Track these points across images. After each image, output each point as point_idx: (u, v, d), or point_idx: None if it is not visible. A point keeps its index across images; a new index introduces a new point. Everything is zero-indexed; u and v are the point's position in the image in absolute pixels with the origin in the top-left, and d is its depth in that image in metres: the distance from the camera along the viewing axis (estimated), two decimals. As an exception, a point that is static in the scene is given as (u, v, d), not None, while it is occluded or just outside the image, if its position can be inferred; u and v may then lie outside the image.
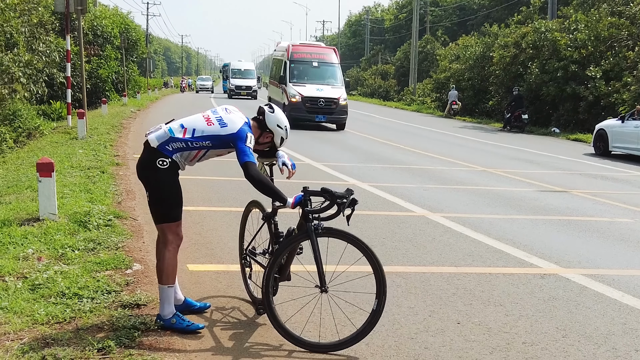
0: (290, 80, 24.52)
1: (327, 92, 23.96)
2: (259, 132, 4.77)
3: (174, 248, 4.60)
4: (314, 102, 23.44)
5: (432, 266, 6.70)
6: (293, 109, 23.24)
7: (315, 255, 4.36)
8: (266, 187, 4.44)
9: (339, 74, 25.74)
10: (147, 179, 4.57)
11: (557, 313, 5.44)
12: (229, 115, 4.63)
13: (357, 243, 4.41)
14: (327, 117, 23.66)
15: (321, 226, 4.42)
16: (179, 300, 4.93)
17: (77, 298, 5.02)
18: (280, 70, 26.09)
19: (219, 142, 4.54)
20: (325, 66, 25.61)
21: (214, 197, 9.87)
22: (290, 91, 23.93)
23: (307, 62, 25.41)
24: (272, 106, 4.85)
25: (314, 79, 24.82)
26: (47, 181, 7.50)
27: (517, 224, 9.05)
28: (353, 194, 4.41)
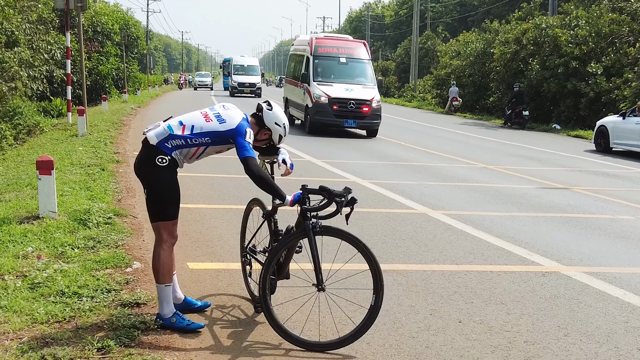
0: (314, 78, 20.98)
1: (357, 92, 20.55)
2: (256, 129, 4.75)
3: (169, 247, 4.57)
4: (342, 105, 20.11)
5: (433, 264, 6.68)
6: (318, 112, 20.28)
7: (312, 253, 4.34)
8: (266, 183, 4.42)
9: (371, 72, 22.12)
10: (146, 176, 4.54)
11: (559, 311, 5.42)
12: (227, 112, 4.63)
13: (354, 241, 4.39)
14: (357, 122, 20.22)
15: (319, 225, 4.40)
16: (179, 299, 4.91)
17: (77, 297, 5.00)
18: (300, 67, 22.79)
19: (218, 138, 4.53)
20: (355, 63, 22.06)
21: (215, 194, 9.85)
22: (314, 91, 20.47)
23: (334, 57, 21.72)
24: (271, 103, 4.83)
25: (342, 78, 21.37)
26: (47, 179, 7.48)
27: (518, 221, 9.03)
28: (351, 192, 4.38)
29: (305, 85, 21.32)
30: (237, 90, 46.94)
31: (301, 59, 22.84)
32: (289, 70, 25.35)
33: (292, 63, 24.79)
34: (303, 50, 22.91)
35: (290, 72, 24.93)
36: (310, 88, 20.75)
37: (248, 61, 52.36)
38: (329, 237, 4.48)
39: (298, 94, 22.45)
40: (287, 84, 24.94)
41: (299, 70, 22.71)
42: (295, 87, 23.16)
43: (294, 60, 24.48)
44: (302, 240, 4.60)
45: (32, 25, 22.64)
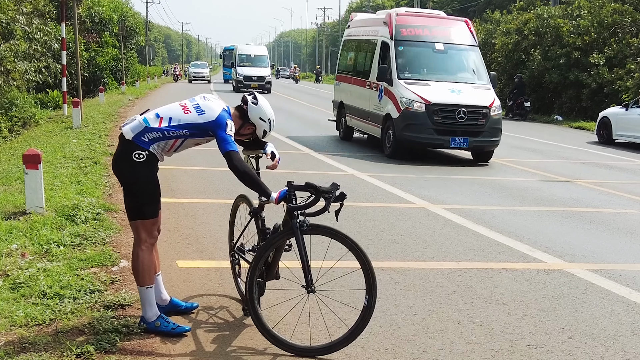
0: (399, 74, 14.07)
1: (469, 95, 13.88)
2: (239, 123, 4.50)
3: (148, 247, 4.34)
4: (449, 114, 13.38)
5: (431, 261, 6.46)
6: (410, 125, 13.44)
7: (300, 253, 4.11)
8: (251, 179, 4.19)
9: (480, 64, 15.24)
10: (122, 173, 4.32)
11: (563, 312, 5.20)
12: (206, 103, 4.38)
13: (344, 239, 4.15)
14: (469, 140, 13.51)
15: (307, 223, 4.17)
16: (165, 301, 4.69)
17: (59, 298, 4.79)
18: (368, 58, 15.90)
19: (197, 130, 4.29)
20: (456, 50, 15.09)
21: (209, 188, 9.62)
22: (402, 94, 13.64)
23: (426, 43, 14.75)
24: (257, 97, 4.56)
25: (440, 73, 14.63)
26: (34, 173, 7.26)
27: (520, 216, 8.80)
28: (339, 187, 4.14)
29: (383, 85, 14.44)
30: (243, 85, 38.50)
31: (370, 46, 15.95)
32: (343, 62, 18.29)
33: (351, 52, 17.75)
34: (373, 33, 15.92)
35: (346, 65, 17.98)
36: (394, 89, 13.95)
37: (255, 50, 44.84)
38: (318, 235, 4.25)
39: (367, 97, 15.57)
40: (341, 82, 17.80)
41: (366, 63, 16.04)
42: (359, 88, 16.19)
43: (354, 49, 17.51)
44: (291, 239, 4.37)
45: (28, 17, 22.36)
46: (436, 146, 14.20)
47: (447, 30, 15.19)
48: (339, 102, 17.59)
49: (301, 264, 4.12)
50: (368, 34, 16.33)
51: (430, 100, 13.40)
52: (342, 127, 17.34)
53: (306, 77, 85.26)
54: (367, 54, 16.15)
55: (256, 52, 44.27)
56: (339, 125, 17.68)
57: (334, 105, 18.46)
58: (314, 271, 4.23)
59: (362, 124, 16.06)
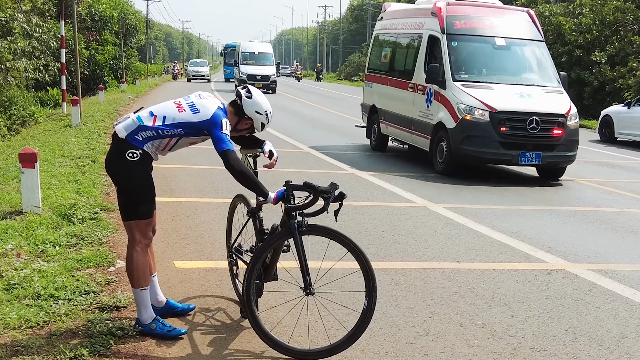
0: (454, 75, 11.75)
1: (540, 101, 11.55)
2: (236, 119, 4.40)
3: (142, 248, 4.24)
4: (518, 123, 11.17)
5: (433, 262, 6.37)
6: (470, 138, 11.22)
7: (298, 255, 4.02)
8: (248, 179, 4.10)
9: (549, 62, 12.95)
10: (116, 172, 4.22)
11: (566, 313, 5.11)
12: (201, 101, 4.27)
13: (343, 240, 4.05)
14: (542, 155, 11.20)
15: (305, 223, 4.07)
16: (161, 303, 4.59)
17: (53, 300, 4.69)
18: (411, 56, 13.42)
19: (192, 129, 4.19)
20: (520, 46, 12.74)
21: (207, 187, 9.53)
22: (460, 99, 11.36)
23: (484, 37, 12.41)
24: (251, 90, 4.44)
25: (503, 74, 12.33)
26: (30, 172, 7.17)
27: (521, 215, 8.71)
28: (338, 187, 4.05)
29: (432, 88, 12.08)
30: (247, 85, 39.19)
31: (412, 41, 13.57)
32: (375, 60, 15.68)
33: (386, 49, 15.15)
34: (416, 26, 13.43)
35: (379, 64, 15.35)
36: (449, 93, 11.61)
37: (259, 47, 42.26)
38: (317, 236, 4.16)
39: (409, 101, 13.10)
40: (373, 83, 15.32)
41: (408, 61, 13.56)
42: (399, 91, 13.68)
43: (390, 44, 14.91)
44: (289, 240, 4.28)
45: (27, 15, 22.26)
46: (502, 162, 11.85)
47: (507, 21, 12.82)
48: (370, 106, 15.14)
49: (299, 266, 4.03)
50: (409, 27, 13.80)
51: (495, 107, 11.12)
52: (375, 136, 14.91)
53: (307, 75, 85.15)
54: (408, 50, 13.73)
55: (260, 49, 41.25)
56: (371, 133, 15.20)
57: (363, 110, 15.99)
58: (312, 272, 4.15)
59: (402, 133, 13.58)
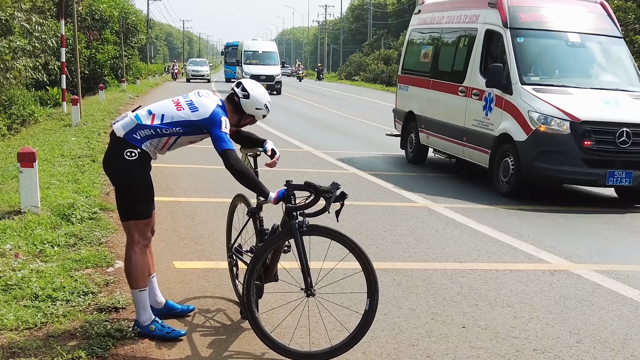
0: (523, 77, 9.90)
1: (630, 108, 9.69)
2: (237, 117, 4.34)
3: (141, 249, 4.18)
4: (606, 137, 9.29)
5: (435, 262, 6.31)
6: (546, 153, 9.37)
7: (299, 255, 3.96)
8: (248, 178, 4.04)
9: (630, 62, 10.78)
10: (114, 172, 4.17)
11: (570, 315, 5.05)
12: (200, 99, 4.21)
13: (345, 241, 4.00)
14: (634, 174, 9.26)
15: (306, 223, 4.02)
16: (160, 304, 4.54)
17: (51, 301, 4.64)
18: (462, 55, 11.56)
19: (191, 128, 4.13)
20: (597, 43, 10.76)
21: (207, 187, 9.47)
22: (533, 106, 9.52)
23: (556, 33, 10.58)
24: (246, 87, 4.32)
25: (581, 76, 10.48)
26: (29, 172, 7.11)
27: (523, 215, 8.64)
28: (339, 187, 3.99)
29: (493, 93, 10.25)
30: None
31: (463, 37, 11.72)
32: (411, 59, 13.76)
33: (426, 47, 13.17)
34: (468, 20, 11.57)
35: (417, 64, 13.42)
36: (517, 99, 9.77)
37: (263, 46, 40.34)
38: (317, 236, 4.10)
39: (460, 108, 11.22)
40: (410, 86, 13.40)
41: (458, 61, 11.68)
42: (445, 95, 11.83)
43: (432, 41, 12.94)
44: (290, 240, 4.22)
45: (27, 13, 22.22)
46: (584, 183, 9.90)
47: (579, 14, 10.92)
48: (407, 112, 13.22)
49: (300, 266, 3.97)
50: (458, 21, 11.91)
51: (578, 117, 9.18)
52: (412, 147, 13.07)
53: (307, 75, 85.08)
54: (457, 48, 11.82)
55: (264, 48, 39.37)
56: (407, 144, 13.33)
57: (396, 116, 14.02)
58: (313, 273, 4.09)
59: (449, 145, 11.66)
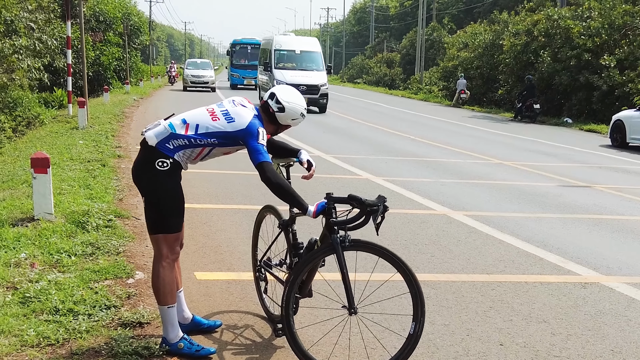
0: None
1: None
2: (272, 127, 4.16)
3: (169, 264, 3.99)
4: None
5: (461, 274, 6.13)
6: None
7: (342, 272, 3.77)
8: (286, 191, 3.84)
9: None
10: (144, 182, 3.97)
11: (608, 331, 4.87)
12: (236, 109, 4.01)
13: (391, 257, 3.82)
14: None
15: (348, 238, 3.83)
16: (187, 319, 4.36)
17: (72, 315, 4.45)
18: None
19: (226, 139, 3.94)
20: None
21: (222, 193, 9.29)
22: None
23: None
24: (280, 99, 4.08)
25: None
26: (43, 178, 6.93)
27: (545, 223, 8.47)
28: (386, 200, 3.80)
29: None
30: None
31: None
32: None
33: None
34: None
35: None
36: None
37: (302, 44, 28.74)
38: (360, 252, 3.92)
39: None
40: None
41: None
42: None
43: None
44: None
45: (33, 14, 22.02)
46: None
47: None
48: None
49: (343, 284, 3.79)
50: None
51: None
52: None
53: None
54: None
55: (304, 46, 28.39)
56: None
57: None
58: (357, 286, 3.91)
59: None
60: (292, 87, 4.31)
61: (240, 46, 44.03)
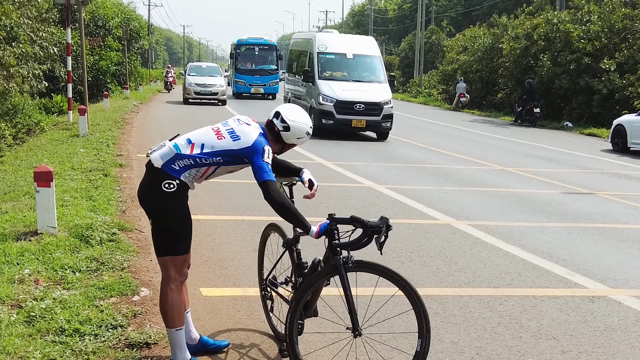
0: None
1: None
2: (278, 146, 4.13)
3: (177, 286, 3.96)
4: None
5: (468, 287, 6.09)
6: None
7: (345, 294, 3.75)
8: (289, 211, 3.80)
9: None
10: (151, 204, 3.92)
11: (619, 348, 4.83)
12: (241, 127, 3.99)
13: (395, 278, 3.80)
14: None
15: (351, 259, 3.80)
16: (194, 340, 4.32)
17: (79, 335, 4.41)
18: None
19: (232, 157, 3.92)
20: None
21: (225, 203, 9.25)
22: None
23: None
24: (284, 118, 4.05)
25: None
26: (46, 191, 6.89)
27: (549, 233, 8.43)
28: (388, 221, 3.77)
29: None
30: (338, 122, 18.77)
31: None
32: None
33: None
34: None
35: None
36: None
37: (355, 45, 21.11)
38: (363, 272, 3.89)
39: None
40: None
41: None
42: None
43: None
44: None
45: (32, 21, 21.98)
46: None
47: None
48: None
49: (347, 306, 3.76)
50: None
51: None
52: None
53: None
54: None
55: (357, 48, 20.77)
56: None
57: None
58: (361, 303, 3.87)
59: None
60: (297, 106, 4.27)
61: (246, 47, 36.89)
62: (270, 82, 36.58)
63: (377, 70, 20.34)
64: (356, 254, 3.85)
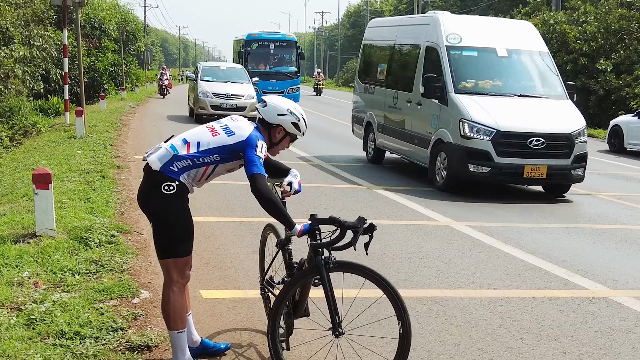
0: None
1: None
2: (267, 132, 4.08)
3: (179, 288, 3.95)
4: None
5: (468, 289, 6.09)
6: None
7: (326, 294, 3.75)
8: (274, 206, 3.78)
9: None
10: (152, 208, 3.91)
11: (620, 350, 4.83)
12: (235, 123, 4.01)
13: (375, 278, 3.80)
14: None
15: (332, 259, 3.80)
16: (195, 343, 4.30)
17: (79, 338, 4.39)
18: None
19: (228, 153, 3.92)
20: None
21: (223, 204, 9.23)
22: None
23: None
24: (265, 100, 4.12)
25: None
26: (44, 193, 6.85)
27: (548, 234, 8.44)
28: (366, 221, 3.76)
29: None
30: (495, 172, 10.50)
31: None
32: None
33: None
34: None
35: None
36: None
37: (503, 34, 12.28)
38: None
39: None
40: None
41: None
42: None
43: None
44: None
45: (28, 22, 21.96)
46: None
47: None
48: None
49: (327, 305, 3.76)
50: None
51: None
52: None
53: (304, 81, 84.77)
54: None
55: (510, 40, 12.19)
56: None
57: None
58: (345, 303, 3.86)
59: None
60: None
61: (258, 44, 28.36)
62: (289, 88, 28.29)
63: (549, 77, 12.48)
64: (346, 255, 3.84)
